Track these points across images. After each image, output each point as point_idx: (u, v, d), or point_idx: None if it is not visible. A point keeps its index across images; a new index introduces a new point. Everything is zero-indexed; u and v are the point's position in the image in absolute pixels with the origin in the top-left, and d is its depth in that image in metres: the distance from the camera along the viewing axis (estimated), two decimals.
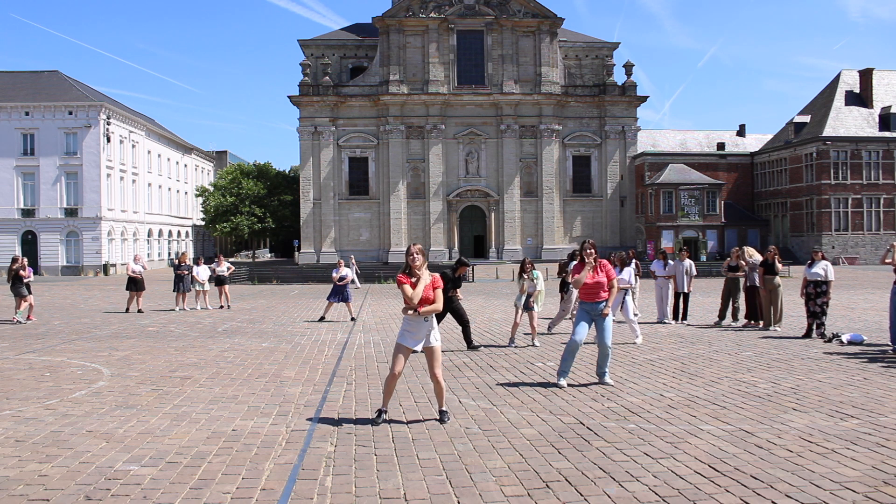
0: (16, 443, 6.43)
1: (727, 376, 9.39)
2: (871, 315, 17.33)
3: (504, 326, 16.06)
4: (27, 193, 54.36)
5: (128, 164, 59.24)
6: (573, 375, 9.58)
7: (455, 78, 61.01)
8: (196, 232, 76.78)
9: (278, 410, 7.65)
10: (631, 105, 62.50)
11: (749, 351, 11.72)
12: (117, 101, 63.24)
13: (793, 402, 7.79)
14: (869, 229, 56.30)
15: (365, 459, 5.83)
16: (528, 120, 61.27)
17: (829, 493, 4.89)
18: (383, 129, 60.73)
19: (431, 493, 5.03)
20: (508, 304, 22.88)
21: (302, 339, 14.23)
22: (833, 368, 9.90)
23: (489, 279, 40.43)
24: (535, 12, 61.20)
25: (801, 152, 58.06)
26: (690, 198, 58.41)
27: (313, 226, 60.97)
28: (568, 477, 5.32)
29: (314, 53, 63.32)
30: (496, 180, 61.38)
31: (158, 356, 11.87)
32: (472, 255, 60.18)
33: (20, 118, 53.81)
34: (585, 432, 6.59)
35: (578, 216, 62.56)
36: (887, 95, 58.42)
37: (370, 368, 10.47)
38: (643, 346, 12.39)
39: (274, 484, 5.23)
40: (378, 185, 61.29)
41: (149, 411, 7.69)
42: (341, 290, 18.24)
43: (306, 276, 40.93)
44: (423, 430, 6.76)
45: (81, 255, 54.36)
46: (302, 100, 60.18)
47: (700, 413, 7.31)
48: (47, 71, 59.26)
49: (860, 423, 6.81)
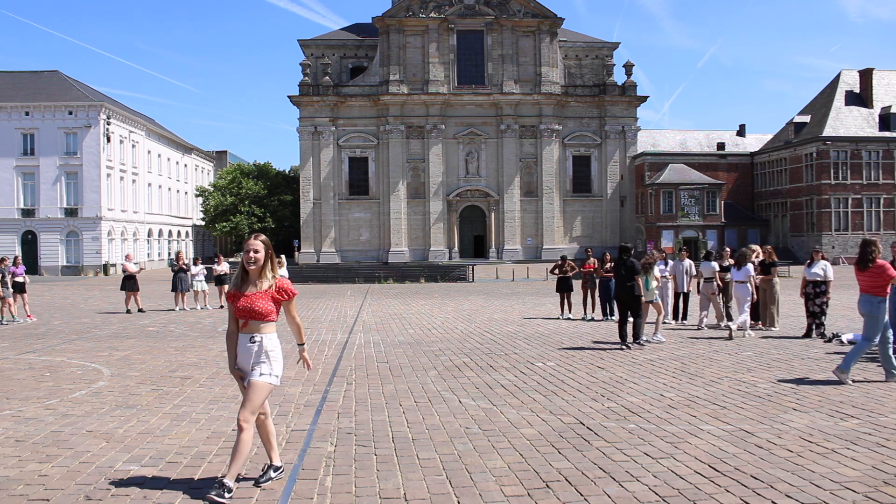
0: (16, 443, 6.42)
1: (727, 376, 9.39)
2: None
3: (504, 326, 16.06)
4: (27, 193, 54.36)
5: (128, 164, 59.24)
6: (573, 375, 9.59)
7: (455, 78, 61.02)
8: (196, 232, 76.78)
9: (278, 410, 7.65)
10: (631, 105, 62.52)
11: (749, 351, 11.72)
12: (117, 101, 63.24)
13: (793, 402, 7.79)
14: (869, 229, 56.29)
15: (365, 459, 5.83)
16: (528, 120, 61.27)
17: (829, 493, 4.89)
18: (383, 129, 60.74)
19: (431, 493, 5.03)
20: (509, 304, 22.88)
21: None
22: (833, 368, 9.88)
23: (489, 279, 40.43)
24: (535, 12, 61.21)
25: (801, 152, 58.06)
26: (690, 198, 58.42)
27: (313, 226, 60.97)
28: (568, 477, 5.32)
29: (314, 53, 63.34)
30: (496, 180, 61.39)
31: (158, 356, 11.87)
32: (472, 256, 60.25)
33: (20, 118, 53.80)
34: (585, 432, 6.59)
35: (578, 216, 62.57)
36: (887, 95, 58.42)
37: (370, 368, 10.47)
38: (642, 347, 12.39)
39: (274, 484, 5.23)
40: (378, 185, 61.30)
41: (149, 411, 7.69)
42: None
43: (306, 277, 40.92)
44: (423, 430, 6.76)
45: (81, 255, 54.36)
46: (302, 100, 60.19)
47: (700, 413, 7.31)
48: (47, 71, 59.26)
49: (860, 423, 6.81)
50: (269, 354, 5.02)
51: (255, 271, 5.02)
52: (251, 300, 4.97)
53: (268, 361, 5.02)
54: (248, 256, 5.02)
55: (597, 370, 10.01)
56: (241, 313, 4.99)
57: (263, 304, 4.99)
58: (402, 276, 41.16)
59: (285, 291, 5.08)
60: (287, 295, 5.09)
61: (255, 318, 4.99)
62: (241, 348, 5.06)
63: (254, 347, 5.01)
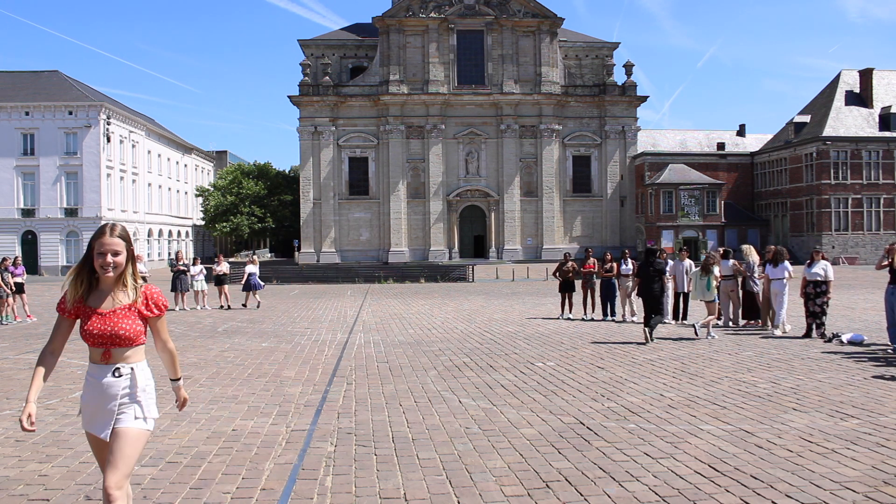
0: (16, 443, 6.43)
1: (727, 376, 9.39)
2: (871, 315, 17.32)
3: (504, 326, 16.06)
4: (27, 193, 54.35)
5: (128, 164, 59.23)
6: (573, 375, 9.58)
7: (455, 78, 61.00)
8: (196, 232, 76.77)
9: (278, 410, 7.65)
10: (631, 105, 62.50)
11: (749, 351, 11.72)
12: (117, 101, 63.23)
13: (793, 402, 7.79)
14: (869, 229, 56.29)
15: (365, 459, 5.83)
16: (528, 120, 61.26)
17: (829, 493, 4.89)
18: (383, 129, 60.73)
19: (431, 493, 5.03)
20: (509, 304, 22.88)
21: (302, 339, 14.23)
22: (833, 368, 9.89)
23: (489, 279, 40.42)
24: (535, 12, 61.20)
25: (801, 152, 58.04)
26: (690, 198, 58.40)
27: (313, 226, 60.96)
28: (568, 477, 5.32)
29: (314, 53, 63.32)
30: (496, 180, 61.37)
31: (158, 356, 11.84)
32: (472, 256, 60.22)
33: (20, 118, 53.80)
34: (585, 432, 6.59)
35: (578, 216, 62.55)
36: (887, 95, 58.40)
37: (370, 368, 10.47)
38: (643, 346, 12.40)
39: (274, 484, 5.23)
40: (378, 185, 61.28)
41: None
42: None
43: (306, 277, 40.92)
44: (423, 431, 6.76)
45: (81, 255, 54.23)
46: (302, 100, 60.18)
47: (700, 413, 7.31)
48: (47, 71, 59.24)
49: (860, 423, 6.81)
50: (143, 391, 3.67)
51: (113, 279, 3.66)
52: (111, 320, 3.60)
53: (142, 401, 3.65)
54: (104, 261, 3.61)
55: (597, 370, 10.00)
56: (98, 340, 3.59)
57: (130, 325, 3.64)
58: (402, 276, 41.16)
59: (156, 305, 3.75)
60: (158, 309, 3.76)
61: (121, 343, 3.61)
62: (95, 387, 3.60)
63: (121, 384, 3.60)
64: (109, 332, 3.59)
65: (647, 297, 13.10)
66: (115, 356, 3.64)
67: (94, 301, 3.66)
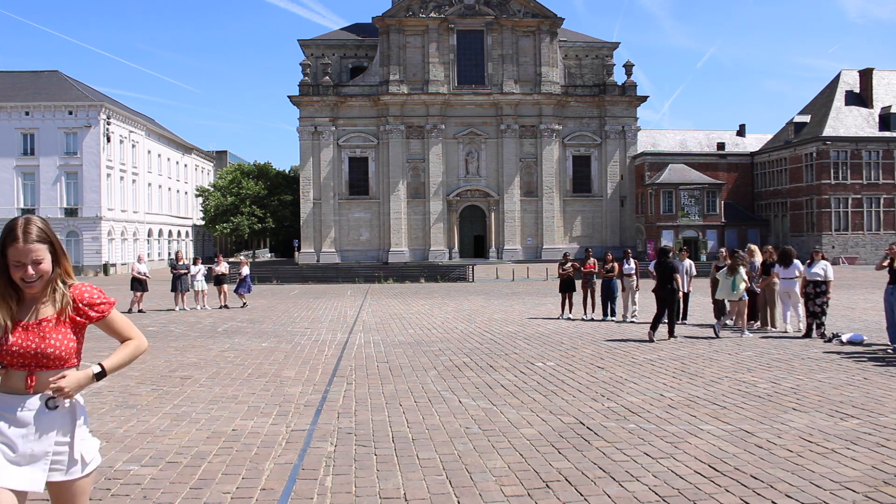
0: None
1: (727, 376, 9.39)
2: (871, 315, 17.32)
3: (504, 326, 16.06)
4: (27, 193, 54.34)
5: (128, 164, 59.23)
6: (573, 375, 9.58)
7: (455, 78, 61.00)
8: (196, 232, 76.77)
9: (278, 410, 7.65)
10: (631, 105, 62.51)
11: (749, 351, 11.72)
12: (117, 101, 63.22)
13: (793, 402, 7.78)
14: (869, 229, 56.28)
15: (365, 459, 5.83)
16: (528, 120, 61.26)
17: (829, 493, 4.89)
18: (383, 128, 60.73)
19: (431, 493, 5.02)
20: (509, 304, 22.87)
21: (302, 339, 14.22)
22: (833, 368, 9.89)
23: (489, 279, 40.41)
24: (535, 12, 61.20)
25: (801, 152, 58.04)
26: (690, 198, 58.40)
27: (313, 226, 60.96)
28: (568, 477, 5.32)
29: (314, 53, 63.31)
30: (496, 180, 61.37)
31: (158, 356, 11.86)
32: (472, 256, 60.22)
33: (20, 118, 53.79)
34: (585, 432, 6.59)
35: (578, 216, 62.56)
36: (887, 95, 58.39)
37: (370, 368, 10.47)
38: (643, 346, 12.40)
39: (274, 484, 5.23)
40: (378, 185, 61.28)
41: (149, 411, 7.69)
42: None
43: (306, 277, 40.92)
44: (423, 431, 6.76)
45: (81, 255, 54.34)
46: (302, 100, 60.18)
47: (700, 413, 7.30)
48: (47, 71, 59.23)
49: (860, 423, 6.81)
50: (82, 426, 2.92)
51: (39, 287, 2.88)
52: (36, 336, 2.84)
53: (85, 439, 2.92)
54: (25, 273, 2.80)
55: (597, 370, 10.00)
56: (19, 359, 2.82)
57: (61, 341, 2.88)
58: (402, 276, 41.16)
59: (91, 305, 2.97)
60: (96, 309, 2.99)
61: (49, 365, 2.84)
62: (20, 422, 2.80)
63: (55, 418, 2.84)
64: (34, 350, 2.81)
65: (660, 296, 13.28)
66: (41, 382, 2.82)
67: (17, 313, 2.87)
